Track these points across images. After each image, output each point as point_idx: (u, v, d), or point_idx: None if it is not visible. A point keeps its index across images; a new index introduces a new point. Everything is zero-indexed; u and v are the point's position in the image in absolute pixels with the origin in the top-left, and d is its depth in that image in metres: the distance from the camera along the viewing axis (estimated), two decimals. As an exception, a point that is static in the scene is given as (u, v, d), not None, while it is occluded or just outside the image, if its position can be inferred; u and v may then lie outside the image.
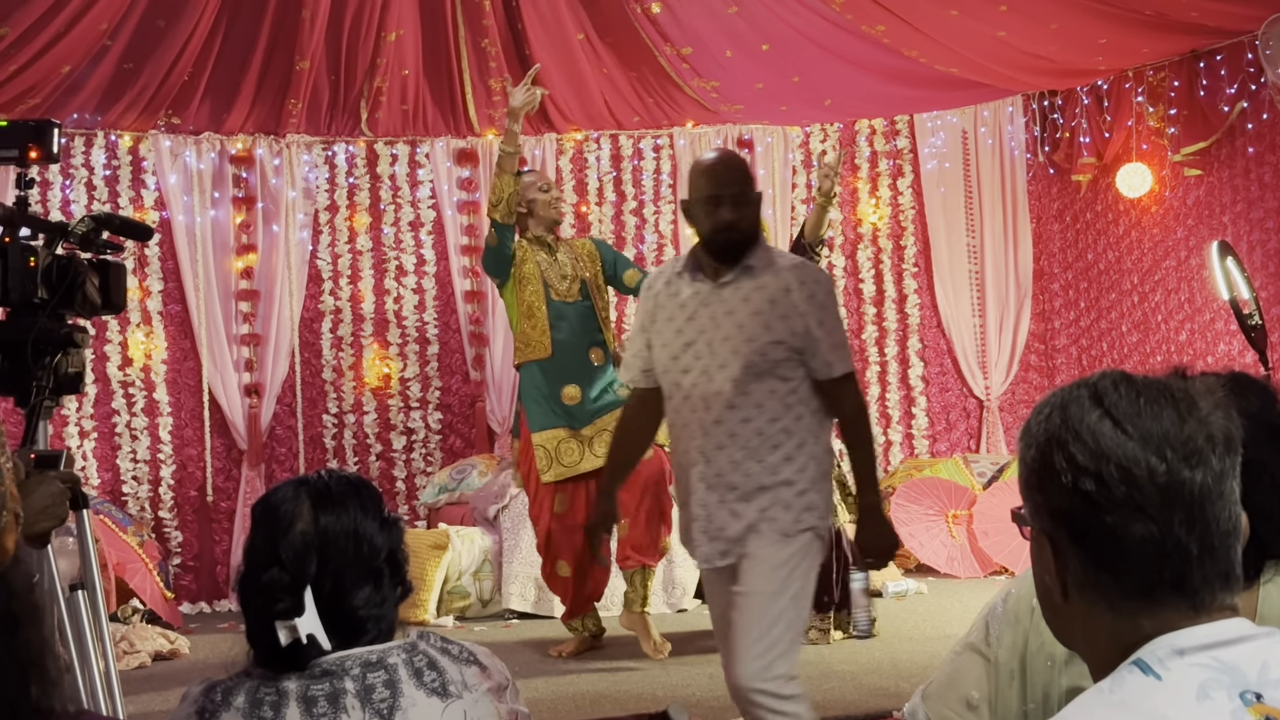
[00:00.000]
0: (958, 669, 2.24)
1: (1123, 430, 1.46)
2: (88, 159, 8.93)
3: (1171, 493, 1.45)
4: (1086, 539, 1.49)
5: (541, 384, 6.49)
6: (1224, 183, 8.41)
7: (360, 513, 2.27)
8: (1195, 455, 1.45)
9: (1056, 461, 1.49)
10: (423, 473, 9.32)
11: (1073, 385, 1.55)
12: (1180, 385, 1.51)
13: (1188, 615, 1.45)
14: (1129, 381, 1.51)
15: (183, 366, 9.10)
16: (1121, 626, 1.47)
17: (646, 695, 5.56)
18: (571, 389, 6.48)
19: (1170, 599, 1.46)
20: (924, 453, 9.69)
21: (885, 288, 9.79)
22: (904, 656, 6.13)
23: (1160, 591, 1.46)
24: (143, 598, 7.55)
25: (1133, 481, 1.45)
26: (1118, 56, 8.60)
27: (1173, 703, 1.38)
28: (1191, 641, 1.43)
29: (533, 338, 6.50)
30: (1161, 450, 1.45)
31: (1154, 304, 8.94)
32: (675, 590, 7.84)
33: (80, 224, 3.24)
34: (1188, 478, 1.45)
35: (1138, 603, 1.47)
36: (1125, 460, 1.45)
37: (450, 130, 9.45)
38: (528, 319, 6.50)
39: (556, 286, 6.49)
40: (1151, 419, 1.47)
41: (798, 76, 8.99)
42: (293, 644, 2.18)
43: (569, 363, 6.49)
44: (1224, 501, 1.47)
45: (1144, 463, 1.45)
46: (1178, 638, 1.43)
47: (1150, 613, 1.46)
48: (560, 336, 6.48)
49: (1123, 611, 1.47)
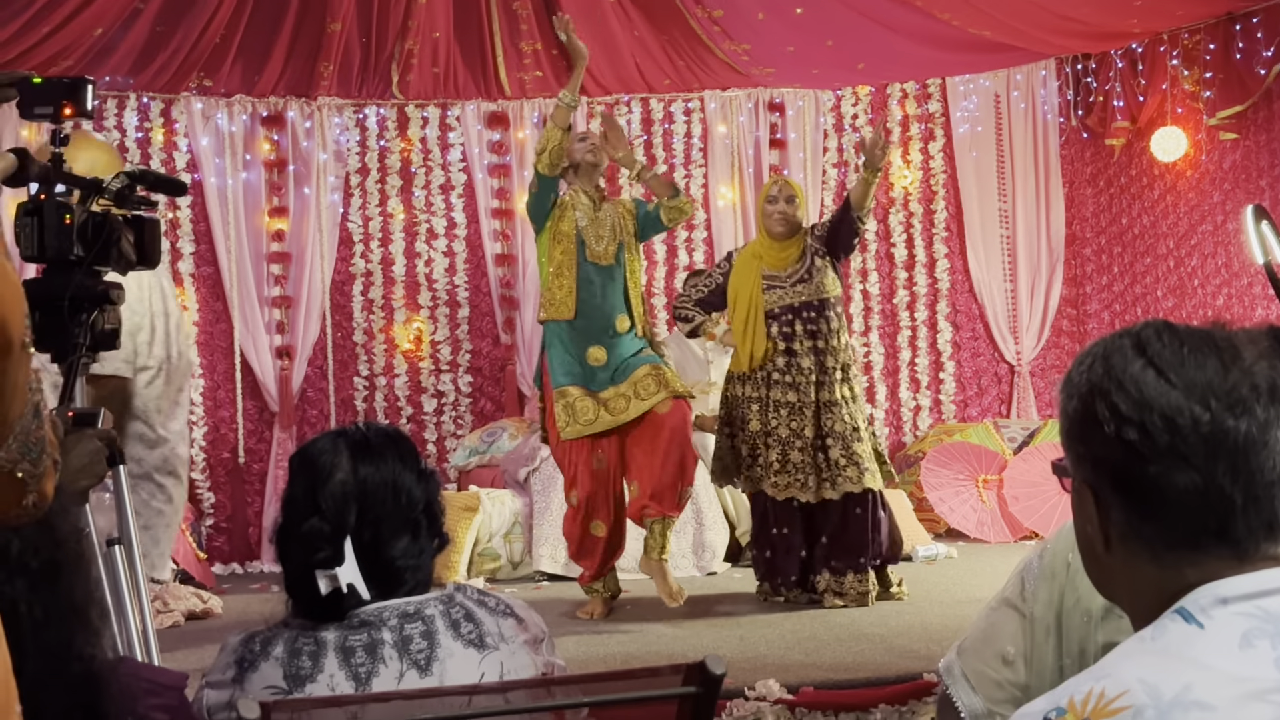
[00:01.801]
0: (993, 624, 2.23)
1: (1166, 379, 1.45)
2: (120, 121, 8.95)
3: (1215, 442, 1.43)
4: (1130, 489, 1.47)
5: (568, 342, 6.47)
6: (1261, 146, 8.34)
7: (399, 464, 2.29)
8: (1240, 404, 1.44)
9: (1099, 411, 1.48)
10: (453, 435, 9.35)
11: (1115, 335, 1.53)
12: (1224, 334, 1.50)
13: (1232, 565, 1.44)
14: (1172, 330, 1.50)
15: (215, 329, 9.14)
16: (1165, 577, 1.46)
17: (678, 655, 5.57)
18: (597, 351, 6.46)
19: (1214, 548, 1.45)
20: (951, 418, 9.67)
21: (916, 252, 9.76)
22: (934, 620, 6.13)
23: (1204, 541, 1.45)
24: (176, 558, 7.59)
25: (1176, 431, 1.43)
26: (1152, 19, 8.53)
27: (1215, 651, 1.37)
28: (1235, 590, 1.41)
29: (559, 297, 6.47)
30: (1205, 399, 1.43)
31: (1190, 269, 8.89)
32: (705, 554, 7.85)
33: (115, 180, 3.24)
34: (1231, 426, 1.43)
35: (1181, 553, 1.46)
36: (1169, 409, 1.44)
37: (481, 93, 9.43)
38: (556, 277, 6.48)
39: (593, 247, 6.45)
40: (1195, 368, 1.45)
41: (831, 40, 8.94)
42: (332, 593, 2.20)
43: (593, 327, 6.46)
44: (1269, 451, 1.44)
45: (1188, 412, 1.43)
46: (1221, 586, 1.42)
47: (1194, 562, 1.45)
48: (585, 299, 6.45)
49: (1166, 562, 1.46)
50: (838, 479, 6.51)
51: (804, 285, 6.61)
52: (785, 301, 6.62)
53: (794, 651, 5.52)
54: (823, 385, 6.58)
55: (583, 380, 6.45)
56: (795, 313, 6.61)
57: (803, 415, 6.57)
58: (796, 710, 4.71)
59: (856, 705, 4.74)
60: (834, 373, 6.59)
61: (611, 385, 6.44)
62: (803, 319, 6.60)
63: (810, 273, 6.62)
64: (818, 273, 6.62)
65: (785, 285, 6.63)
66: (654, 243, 9.51)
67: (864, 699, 4.77)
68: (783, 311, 6.62)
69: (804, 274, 6.62)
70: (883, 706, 4.74)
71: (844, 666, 5.20)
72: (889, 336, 9.74)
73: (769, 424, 6.60)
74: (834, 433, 6.55)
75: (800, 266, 6.64)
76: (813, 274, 6.62)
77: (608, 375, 6.45)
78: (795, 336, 6.60)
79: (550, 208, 6.46)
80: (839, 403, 6.57)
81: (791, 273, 6.63)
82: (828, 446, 6.55)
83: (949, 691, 2.22)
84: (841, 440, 6.53)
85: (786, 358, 6.59)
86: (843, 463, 6.50)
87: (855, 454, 6.51)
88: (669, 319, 9.42)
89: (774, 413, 6.60)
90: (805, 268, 6.63)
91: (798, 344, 6.59)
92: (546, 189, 6.43)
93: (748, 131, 9.67)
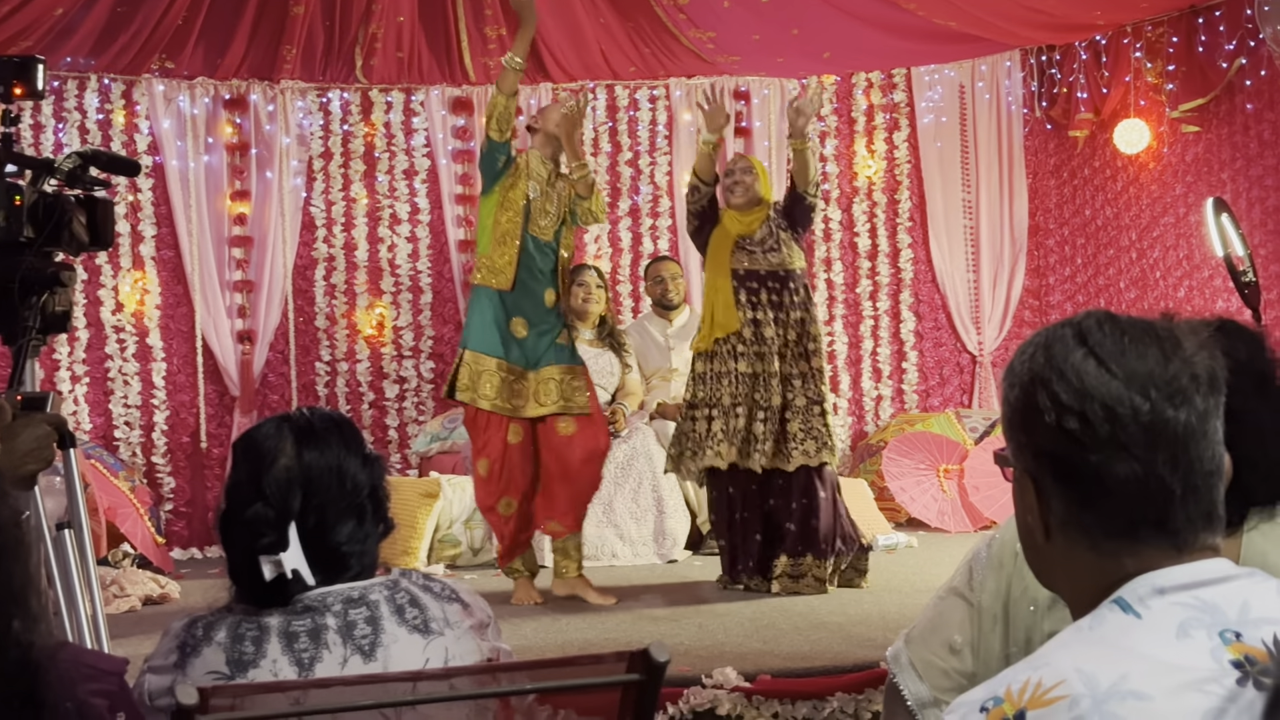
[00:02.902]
0: (941, 613, 2.24)
1: (1107, 369, 1.46)
2: (81, 102, 8.88)
3: (1155, 432, 1.44)
4: (1070, 478, 1.48)
5: (497, 310, 6.44)
6: (1222, 140, 8.38)
7: (343, 449, 2.28)
8: (1179, 394, 1.45)
9: (1040, 400, 1.49)
10: (415, 421, 9.33)
11: (1056, 325, 1.54)
12: (1165, 325, 1.51)
13: (1170, 555, 1.45)
14: (1113, 320, 1.50)
15: (176, 312, 9.08)
16: (1103, 566, 1.47)
17: (635, 642, 5.54)
18: (520, 323, 6.45)
19: (1153, 538, 1.46)
20: (914, 407, 9.70)
21: (879, 242, 9.77)
22: (893, 609, 6.14)
23: (1143, 531, 1.46)
24: (134, 542, 7.56)
25: (1117, 420, 1.44)
26: (1116, 11, 8.56)
27: (1152, 641, 1.38)
28: (1172, 581, 1.42)
29: (499, 265, 6.42)
30: (1146, 389, 1.44)
31: (1152, 260, 8.93)
32: (666, 541, 7.85)
33: (67, 160, 3.21)
34: (1171, 417, 1.44)
35: (1120, 542, 1.47)
36: (1109, 399, 1.45)
37: (445, 78, 9.40)
38: (499, 245, 6.44)
39: (538, 220, 6.42)
40: (1136, 358, 1.46)
41: (796, 29, 8.94)
42: (277, 579, 2.19)
43: (525, 300, 6.44)
44: (1207, 441, 1.46)
45: (1128, 401, 1.44)
46: (1158, 577, 1.43)
47: (1132, 552, 1.46)
48: (525, 272, 6.42)
49: (1105, 551, 1.47)
50: (793, 452, 6.52)
51: (773, 254, 6.63)
52: (753, 266, 6.63)
53: (752, 640, 5.53)
54: (785, 357, 6.60)
55: (501, 352, 6.42)
56: (761, 280, 6.62)
57: (768, 386, 6.58)
58: (754, 698, 4.72)
59: (813, 693, 4.76)
60: (795, 346, 6.60)
61: (538, 366, 6.44)
62: (769, 288, 6.62)
63: (777, 243, 6.65)
64: (783, 244, 6.65)
65: (757, 251, 6.65)
66: (619, 230, 9.51)
67: (821, 687, 4.78)
68: (748, 276, 6.63)
69: (772, 243, 6.65)
70: (840, 694, 4.75)
71: (801, 655, 5.20)
72: (852, 326, 9.75)
73: (736, 396, 6.61)
74: (793, 406, 6.56)
75: (767, 234, 6.66)
76: (779, 244, 6.64)
77: (522, 355, 6.44)
78: (760, 305, 6.61)
79: (501, 170, 6.41)
80: (800, 376, 6.59)
81: (761, 239, 6.66)
82: (786, 420, 6.56)
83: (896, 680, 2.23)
84: (802, 414, 6.55)
85: (752, 328, 6.60)
86: (800, 436, 6.52)
87: (814, 429, 6.53)
88: (634, 307, 9.42)
89: (739, 382, 6.62)
90: (773, 239, 6.65)
91: (761, 313, 6.60)
92: (495, 151, 6.40)
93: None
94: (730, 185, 6.76)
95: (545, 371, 6.44)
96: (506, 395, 6.41)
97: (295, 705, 1.94)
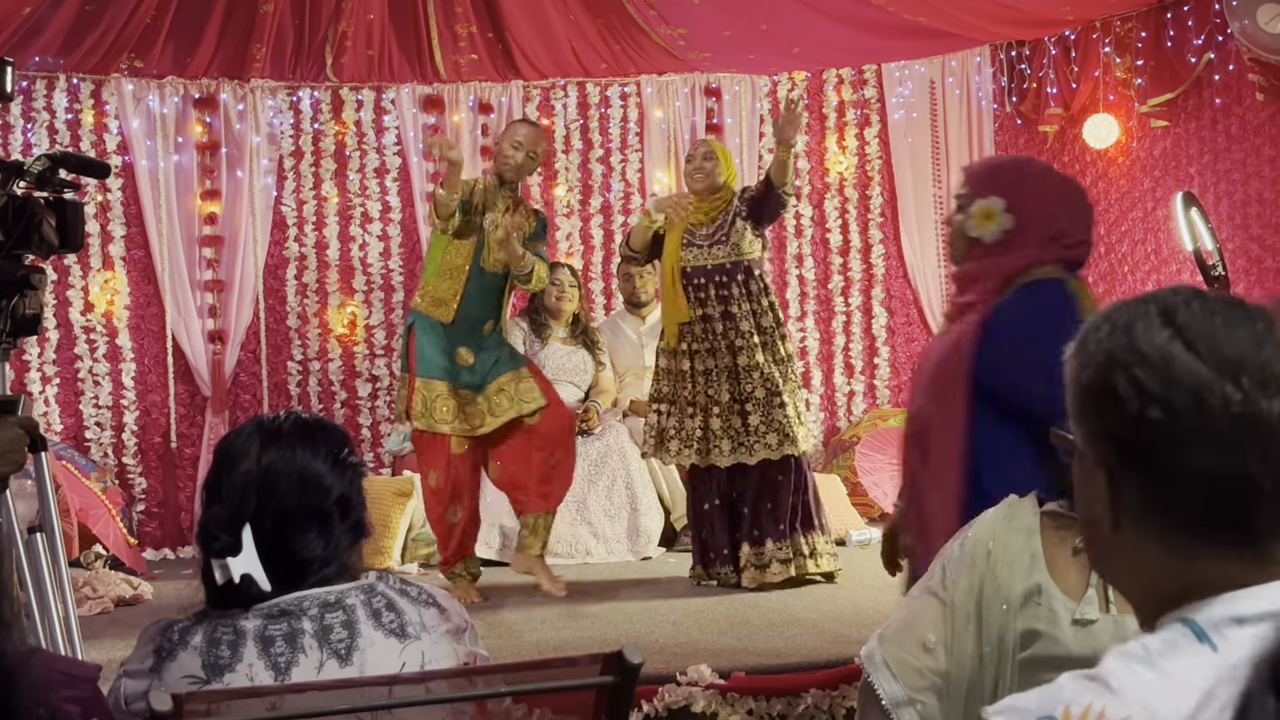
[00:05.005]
0: (914, 612, 2.25)
1: (1196, 353, 1.35)
2: (49, 102, 8.82)
3: (1247, 424, 1.34)
4: (1148, 470, 1.37)
5: (440, 338, 6.50)
6: (1191, 134, 8.42)
7: (308, 453, 2.26)
8: (1274, 382, 1.34)
9: (1120, 386, 1.37)
10: (387, 420, 9.30)
11: (1138, 300, 1.42)
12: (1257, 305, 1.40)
13: (1248, 564, 1.35)
14: (1202, 298, 1.39)
15: (146, 312, 9.04)
16: (1175, 567, 1.37)
17: (610, 641, 5.57)
18: (466, 353, 6.52)
19: (1232, 540, 1.36)
20: (886, 403, 9.72)
21: (851, 238, 9.79)
22: (867, 604, 6.16)
23: (1223, 530, 1.36)
24: (106, 544, 7.52)
25: (1205, 410, 1.34)
26: (1085, 6, 8.58)
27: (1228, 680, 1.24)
28: (1253, 609, 1.32)
29: (442, 297, 6.50)
30: (1238, 377, 1.34)
31: (1120, 255, 8.96)
32: (640, 538, 7.86)
33: (36, 162, 3.20)
34: (1265, 408, 1.34)
35: (1196, 541, 1.37)
36: (1198, 387, 1.34)
37: (416, 76, 9.37)
38: (444, 278, 6.50)
39: (488, 255, 6.48)
40: (1227, 341, 1.36)
41: (765, 24, 8.94)
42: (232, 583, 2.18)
43: (463, 333, 6.53)
44: None
45: (1219, 390, 1.34)
46: (1238, 601, 1.33)
47: (1208, 554, 1.36)
48: (466, 307, 6.50)
49: (1178, 550, 1.37)
50: (755, 445, 6.54)
51: (720, 247, 6.64)
52: (699, 262, 6.65)
53: (726, 636, 5.54)
54: (740, 350, 6.60)
55: (450, 377, 6.51)
56: (708, 275, 6.64)
57: (719, 381, 6.60)
58: (728, 695, 4.73)
59: (787, 690, 4.77)
60: (750, 336, 6.61)
61: (474, 390, 6.52)
62: (716, 282, 6.63)
63: (729, 234, 6.65)
64: (736, 233, 6.65)
65: (702, 245, 6.66)
66: (590, 228, 9.50)
67: (795, 684, 4.80)
68: (694, 273, 6.65)
69: (721, 235, 6.65)
70: (814, 691, 4.77)
71: (775, 651, 5.22)
72: (823, 322, 9.77)
73: (694, 393, 6.64)
74: (753, 398, 6.57)
75: (720, 225, 6.67)
76: (730, 235, 6.65)
77: (470, 379, 6.53)
78: (709, 301, 6.63)
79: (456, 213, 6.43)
80: (757, 366, 6.59)
81: (709, 232, 6.67)
82: (747, 412, 6.57)
83: (870, 679, 2.24)
84: (762, 407, 6.56)
85: (703, 324, 6.63)
86: (762, 429, 6.54)
87: (775, 421, 6.54)
88: (606, 304, 9.42)
89: (694, 381, 6.65)
90: (725, 228, 6.66)
91: (710, 308, 6.62)
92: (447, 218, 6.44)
93: (684, 116, 9.67)
94: (690, 172, 6.82)
95: (491, 387, 6.54)
96: (462, 417, 6.52)
97: (271, 710, 1.94)
